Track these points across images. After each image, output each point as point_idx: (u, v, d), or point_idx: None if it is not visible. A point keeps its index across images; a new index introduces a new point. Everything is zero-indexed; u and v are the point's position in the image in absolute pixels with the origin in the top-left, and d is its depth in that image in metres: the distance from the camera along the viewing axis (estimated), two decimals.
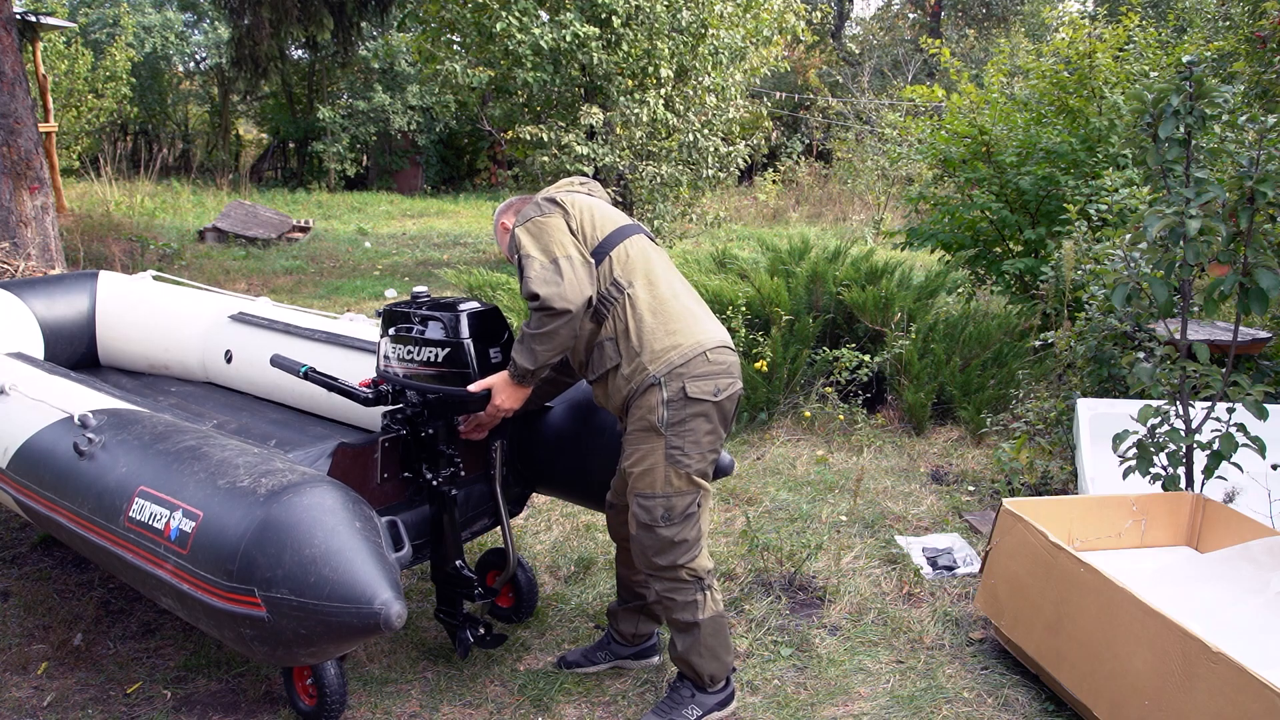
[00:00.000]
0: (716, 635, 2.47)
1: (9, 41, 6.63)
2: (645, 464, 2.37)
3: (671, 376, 2.33)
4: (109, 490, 2.31)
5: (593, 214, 2.46)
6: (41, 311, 3.77)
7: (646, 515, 2.38)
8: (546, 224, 2.38)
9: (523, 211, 2.47)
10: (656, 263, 2.48)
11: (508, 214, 2.66)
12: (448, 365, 2.42)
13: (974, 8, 21.79)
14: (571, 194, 2.50)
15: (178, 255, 9.40)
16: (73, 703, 2.58)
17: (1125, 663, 2.26)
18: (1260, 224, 2.85)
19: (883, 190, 13.35)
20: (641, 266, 2.43)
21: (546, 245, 2.34)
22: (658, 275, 2.44)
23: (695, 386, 2.34)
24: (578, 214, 2.43)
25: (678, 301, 2.43)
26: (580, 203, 2.47)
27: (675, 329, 2.37)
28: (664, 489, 2.36)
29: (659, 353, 2.34)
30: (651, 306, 2.38)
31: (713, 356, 2.38)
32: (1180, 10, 10.38)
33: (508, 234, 2.57)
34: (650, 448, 2.36)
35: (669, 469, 2.35)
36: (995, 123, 6.41)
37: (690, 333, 2.38)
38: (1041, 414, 4.24)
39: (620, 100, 9.16)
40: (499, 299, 5.64)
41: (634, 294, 2.38)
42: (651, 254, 2.49)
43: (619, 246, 2.44)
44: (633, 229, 2.50)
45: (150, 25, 18.04)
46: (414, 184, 17.98)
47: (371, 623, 1.95)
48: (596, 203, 2.52)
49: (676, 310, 2.40)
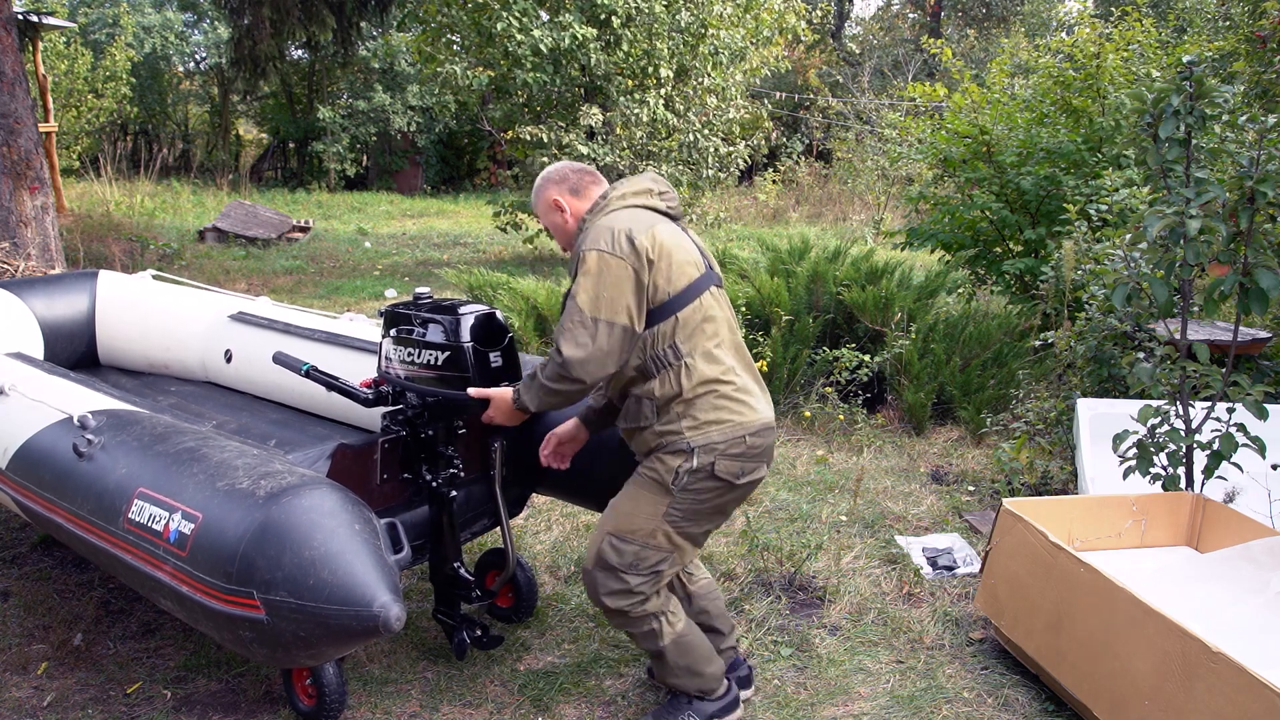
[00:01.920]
0: (686, 654, 2.39)
1: (9, 41, 6.62)
2: (638, 508, 2.30)
3: (705, 450, 2.24)
4: (108, 491, 2.31)
5: (671, 262, 2.25)
6: (41, 311, 3.77)
7: (615, 556, 2.29)
8: (612, 270, 2.19)
9: (597, 230, 2.26)
10: (723, 326, 2.33)
11: (559, 189, 2.42)
12: (448, 368, 2.42)
13: (974, 8, 21.79)
14: (654, 230, 2.26)
15: (178, 255, 9.40)
16: (73, 703, 2.58)
17: (1125, 663, 2.26)
18: (1260, 224, 2.85)
19: (883, 190, 13.35)
20: (708, 333, 2.28)
21: (597, 296, 2.19)
22: (723, 344, 2.30)
23: (724, 466, 2.25)
24: (656, 262, 2.23)
25: (736, 378, 2.30)
26: (663, 246, 2.24)
27: (724, 405, 2.26)
28: (645, 539, 2.28)
29: (701, 424, 2.24)
30: (707, 381, 2.25)
31: (752, 441, 2.28)
32: (1180, 10, 10.38)
33: (558, 211, 2.42)
34: (652, 498, 2.29)
35: (660, 523, 2.28)
36: (996, 122, 6.41)
37: (738, 412, 2.27)
38: (1041, 414, 4.24)
39: (620, 100, 9.16)
40: (499, 299, 5.64)
41: (691, 364, 2.25)
42: (719, 314, 2.33)
43: (690, 306, 2.26)
44: (706, 280, 2.32)
45: (150, 25, 18.04)
46: (414, 184, 17.98)
47: (371, 625, 1.94)
48: (678, 243, 2.30)
49: (731, 390, 2.27)
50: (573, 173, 2.43)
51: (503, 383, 2.45)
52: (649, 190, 2.39)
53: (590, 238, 2.26)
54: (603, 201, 2.37)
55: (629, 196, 2.36)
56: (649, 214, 2.33)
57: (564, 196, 2.42)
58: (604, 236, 2.23)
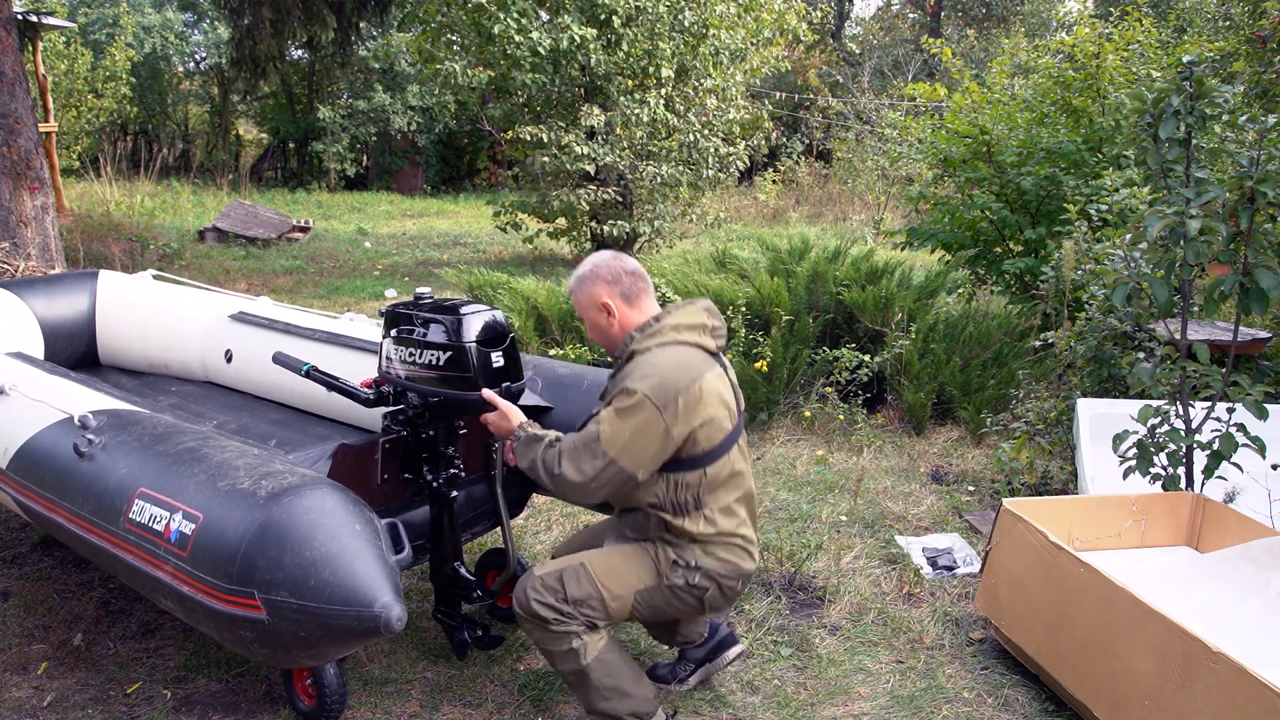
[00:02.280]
0: (612, 673, 2.29)
1: (9, 41, 6.62)
2: (626, 572, 2.30)
3: (707, 575, 2.30)
4: (109, 491, 2.31)
5: (710, 420, 2.22)
6: (41, 311, 3.77)
7: (574, 586, 2.27)
8: (649, 423, 2.15)
9: (650, 367, 2.19)
10: (745, 477, 2.36)
11: (611, 291, 2.33)
12: (449, 369, 2.42)
13: (974, 8, 21.79)
14: (701, 384, 2.20)
15: (178, 255, 9.40)
16: (73, 703, 2.58)
17: (1125, 663, 2.26)
18: (1260, 224, 2.85)
19: (883, 190, 13.35)
20: (731, 486, 2.31)
21: (624, 439, 2.15)
22: (742, 496, 2.34)
23: (713, 595, 2.32)
24: (695, 426, 2.20)
25: (747, 530, 2.36)
26: (705, 405, 2.20)
27: (734, 552, 2.32)
28: (608, 598, 2.28)
29: (709, 551, 2.29)
30: (724, 534, 2.30)
31: (740, 585, 2.37)
32: (1180, 10, 10.38)
33: (605, 314, 2.33)
34: (641, 574, 2.31)
35: (630, 596, 2.29)
36: (996, 122, 6.41)
37: (742, 559, 2.33)
38: (1041, 414, 4.24)
39: (620, 100, 9.16)
40: (499, 299, 5.64)
41: (711, 516, 2.28)
42: (744, 467, 2.36)
43: (719, 461, 2.27)
44: (736, 433, 2.33)
45: (150, 25, 18.03)
46: (414, 184, 17.98)
47: (372, 625, 1.94)
48: (720, 395, 2.27)
49: (741, 542, 2.33)
50: (626, 274, 2.34)
51: (504, 384, 2.45)
52: (703, 326, 2.33)
53: (641, 373, 2.20)
54: (656, 325, 2.30)
55: (684, 330, 2.30)
56: (700, 355, 2.29)
57: (615, 300, 2.33)
58: (655, 381, 2.17)
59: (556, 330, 5.36)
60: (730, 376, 2.40)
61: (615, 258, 2.38)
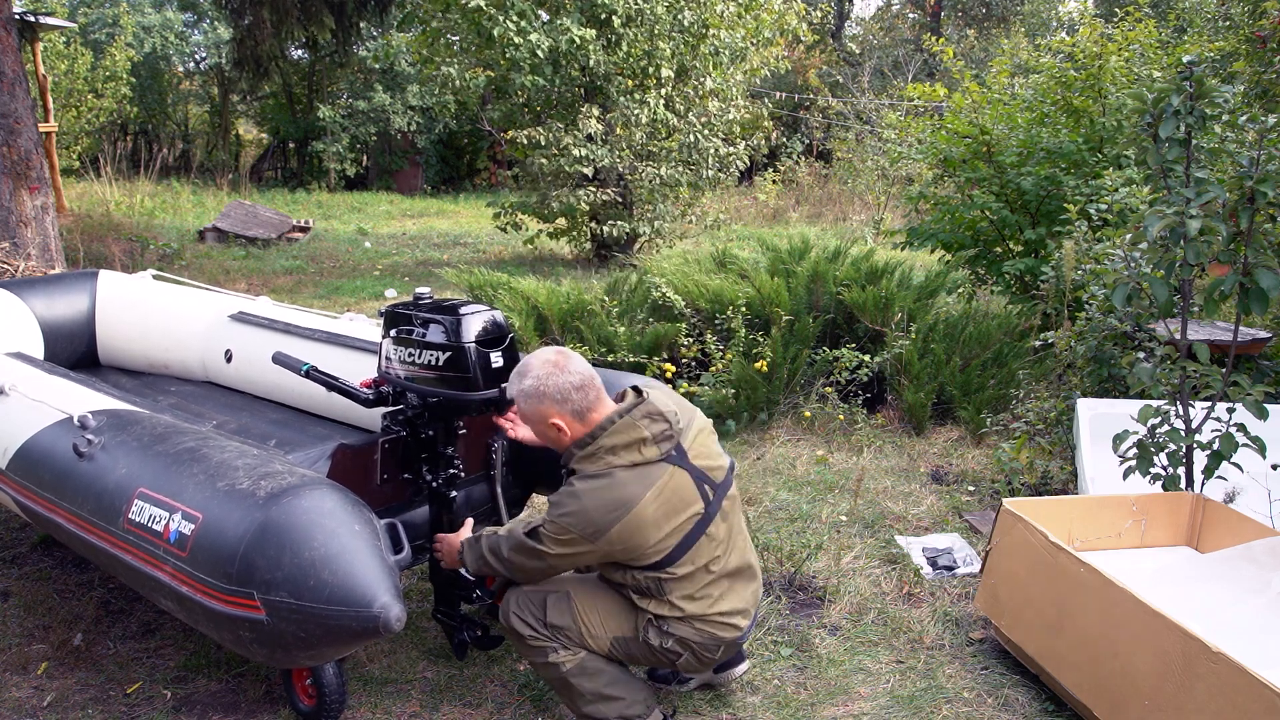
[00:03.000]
0: (594, 677, 2.29)
1: (9, 41, 6.63)
2: (607, 613, 2.29)
3: (680, 642, 2.27)
4: (108, 491, 2.31)
5: (657, 536, 2.15)
6: (41, 311, 3.77)
7: (555, 613, 2.28)
8: (578, 547, 2.15)
9: (577, 499, 2.14)
10: (721, 558, 2.28)
11: (561, 411, 2.22)
12: (449, 369, 2.42)
13: (974, 8, 21.79)
14: (638, 514, 2.12)
15: (178, 255, 9.40)
16: (73, 703, 2.58)
17: (1125, 663, 2.26)
18: (1260, 224, 2.85)
19: (883, 190, 13.35)
20: (697, 577, 2.24)
21: (555, 551, 2.16)
22: (714, 579, 2.27)
23: (687, 660, 2.30)
24: (635, 544, 2.15)
25: (724, 605, 2.29)
26: (644, 532, 2.13)
27: (705, 630, 2.27)
28: (585, 634, 2.28)
29: (685, 622, 2.25)
30: (689, 614, 2.25)
31: (721, 654, 2.33)
32: (1180, 10, 10.38)
33: (555, 431, 2.24)
34: (620, 622, 2.29)
35: (607, 639, 2.29)
36: (996, 122, 6.41)
37: (714, 633, 2.28)
38: (1041, 414, 4.24)
39: (620, 100, 9.16)
40: (500, 299, 5.63)
41: (675, 602, 2.24)
42: (720, 540, 2.27)
43: (679, 563, 2.21)
44: (704, 521, 2.23)
45: (150, 25, 18.04)
46: (414, 184, 17.98)
47: (371, 626, 1.94)
48: (669, 507, 2.17)
49: (717, 617, 2.27)
50: (575, 391, 2.21)
51: (503, 384, 2.45)
52: (642, 440, 2.18)
53: (568, 509, 2.14)
54: (592, 444, 2.19)
55: (619, 451, 2.17)
56: (636, 476, 2.15)
57: (566, 420, 2.23)
58: (581, 519, 2.13)
59: (557, 330, 5.36)
60: (688, 465, 2.23)
61: (558, 369, 2.22)
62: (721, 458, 2.36)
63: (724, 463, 2.36)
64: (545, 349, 2.32)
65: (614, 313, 5.31)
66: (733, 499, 2.37)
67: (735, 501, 2.39)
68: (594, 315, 5.24)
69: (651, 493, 2.15)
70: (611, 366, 4.86)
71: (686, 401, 2.42)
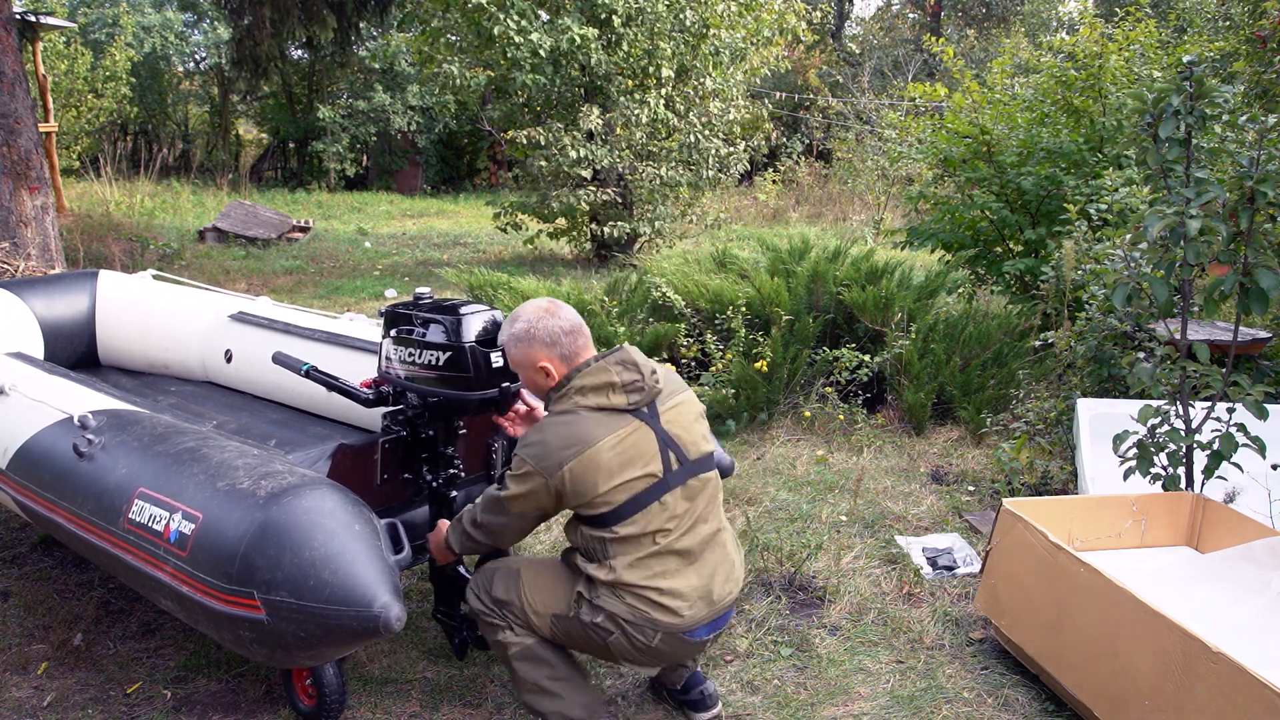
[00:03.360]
0: (535, 669, 2.28)
1: (9, 41, 6.62)
2: (547, 589, 2.28)
3: (607, 615, 2.19)
4: (108, 491, 2.31)
5: (610, 483, 2.13)
6: (41, 311, 3.77)
7: (502, 587, 2.30)
8: (534, 484, 2.15)
9: (540, 436, 2.16)
10: (675, 532, 2.21)
11: (550, 354, 2.24)
12: (449, 369, 2.42)
13: (974, 8, 21.79)
14: (595, 453, 2.11)
15: (178, 255, 9.40)
16: (73, 703, 2.58)
17: (1125, 663, 2.26)
18: (1260, 224, 2.85)
19: (883, 190, 13.35)
20: (645, 543, 2.18)
21: (515, 495, 2.19)
22: (659, 550, 2.19)
23: (618, 642, 2.21)
24: (587, 487, 2.13)
25: (664, 583, 2.19)
26: (598, 473, 2.12)
27: (644, 596, 2.17)
28: (526, 611, 2.27)
29: (617, 594, 2.18)
30: (625, 581, 2.17)
31: (659, 643, 2.21)
32: (1180, 10, 10.38)
33: (543, 375, 2.25)
34: (559, 596, 2.26)
35: (547, 619, 2.26)
36: (996, 122, 6.41)
37: (656, 611, 2.18)
38: (1041, 414, 4.24)
39: (620, 100, 9.16)
40: (500, 299, 5.64)
41: (614, 566, 2.18)
42: (677, 515, 2.21)
43: (629, 521, 2.16)
44: (661, 487, 2.18)
45: (150, 25, 18.04)
46: (414, 184, 17.98)
47: (371, 626, 1.94)
48: (626, 457, 2.15)
49: (654, 595, 2.18)
50: (564, 335, 2.24)
51: (504, 384, 2.45)
52: (610, 385, 2.18)
53: (530, 440, 2.18)
54: (565, 386, 2.22)
55: (587, 393, 2.19)
56: (600, 419, 2.16)
57: (554, 363, 2.25)
58: (538, 450, 2.15)
59: None
60: (660, 426, 2.22)
61: (549, 314, 2.26)
62: (703, 441, 2.31)
63: (704, 447, 2.30)
64: (537, 299, 2.35)
65: (614, 313, 5.31)
66: (709, 488, 2.31)
67: (713, 493, 2.32)
68: (594, 315, 5.24)
69: (611, 439, 2.14)
70: None
71: (680, 379, 2.40)
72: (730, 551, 2.36)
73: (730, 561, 2.34)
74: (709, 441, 2.35)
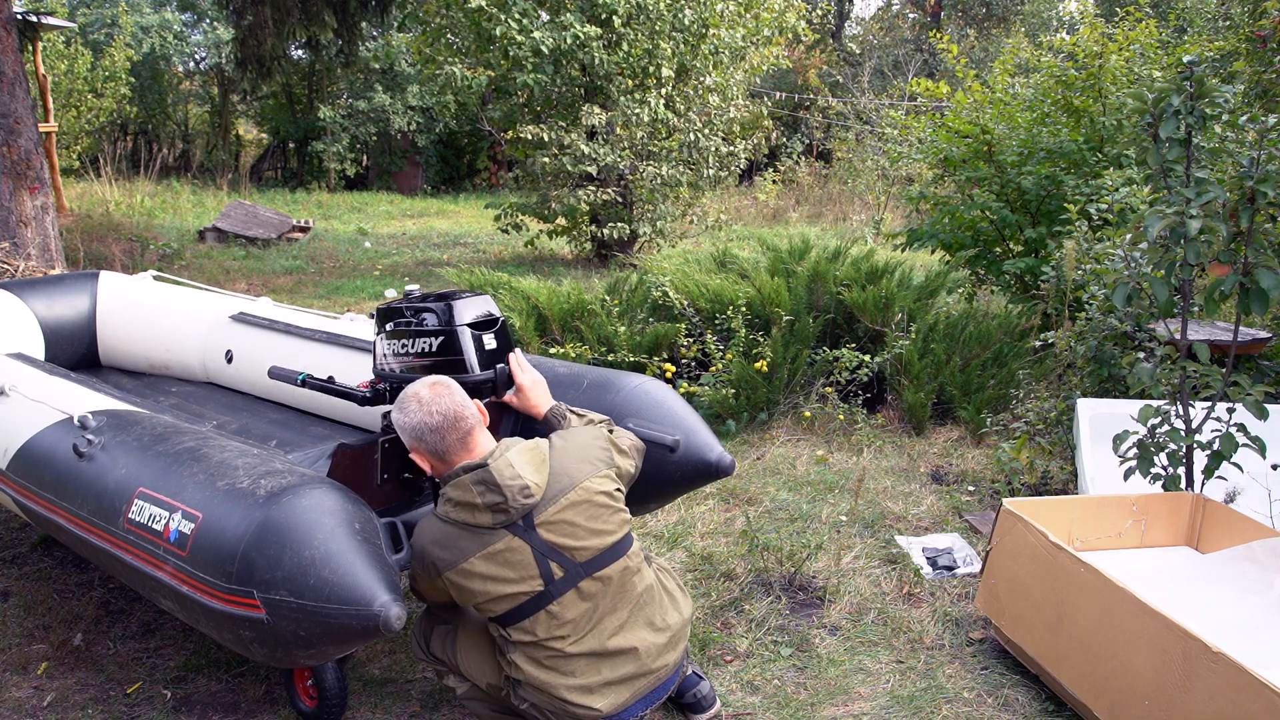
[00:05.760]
0: (487, 704, 2.33)
1: (9, 41, 6.63)
2: (478, 655, 2.28)
3: (530, 704, 2.17)
4: (108, 491, 2.31)
5: (488, 595, 2.10)
6: (42, 311, 3.77)
7: (439, 646, 2.33)
8: (427, 580, 2.17)
9: (419, 543, 2.15)
10: (569, 638, 2.13)
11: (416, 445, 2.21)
12: (442, 354, 2.43)
13: (974, 8, 21.79)
14: (470, 560, 2.08)
15: (178, 255, 9.40)
16: (73, 703, 2.58)
17: (1125, 663, 2.26)
18: (1260, 224, 2.85)
19: (883, 190, 13.35)
20: (542, 647, 2.12)
21: (414, 583, 2.22)
22: (557, 654, 2.13)
23: (540, 712, 2.17)
24: (467, 597, 2.12)
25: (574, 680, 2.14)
26: (475, 579, 2.08)
27: (552, 696, 2.13)
28: (457, 665, 2.30)
29: (528, 683, 2.15)
30: (530, 680, 2.14)
31: None
32: (1180, 10, 10.37)
33: (423, 462, 2.23)
34: (494, 668, 2.24)
35: (478, 679, 2.27)
36: (997, 122, 6.41)
37: (569, 710, 2.14)
38: (1041, 414, 4.24)
39: (621, 100, 9.16)
40: (500, 298, 5.64)
41: (518, 663, 2.16)
42: (570, 620, 2.12)
43: (518, 626, 2.12)
44: (544, 598, 2.10)
45: (149, 25, 18.04)
46: (414, 184, 17.98)
47: (371, 625, 1.94)
48: (494, 574, 2.09)
49: (560, 697, 2.13)
50: (429, 433, 2.16)
51: (498, 366, 2.47)
52: (473, 506, 2.09)
53: (415, 541, 2.17)
54: (442, 490, 2.17)
55: (454, 508, 2.13)
56: (473, 534, 2.09)
57: (425, 459, 2.22)
58: (419, 552, 2.15)
59: (557, 330, 5.36)
60: (535, 541, 2.10)
61: (422, 404, 2.17)
62: (595, 537, 2.15)
63: (596, 543, 2.14)
64: (426, 378, 2.26)
65: (614, 312, 5.31)
66: (614, 581, 2.18)
67: (621, 581, 2.19)
68: (594, 315, 5.24)
69: (481, 555, 2.09)
70: (611, 366, 4.86)
71: (594, 448, 2.25)
72: (657, 620, 2.24)
73: (660, 634, 2.23)
74: (605, 532, 2.18)
